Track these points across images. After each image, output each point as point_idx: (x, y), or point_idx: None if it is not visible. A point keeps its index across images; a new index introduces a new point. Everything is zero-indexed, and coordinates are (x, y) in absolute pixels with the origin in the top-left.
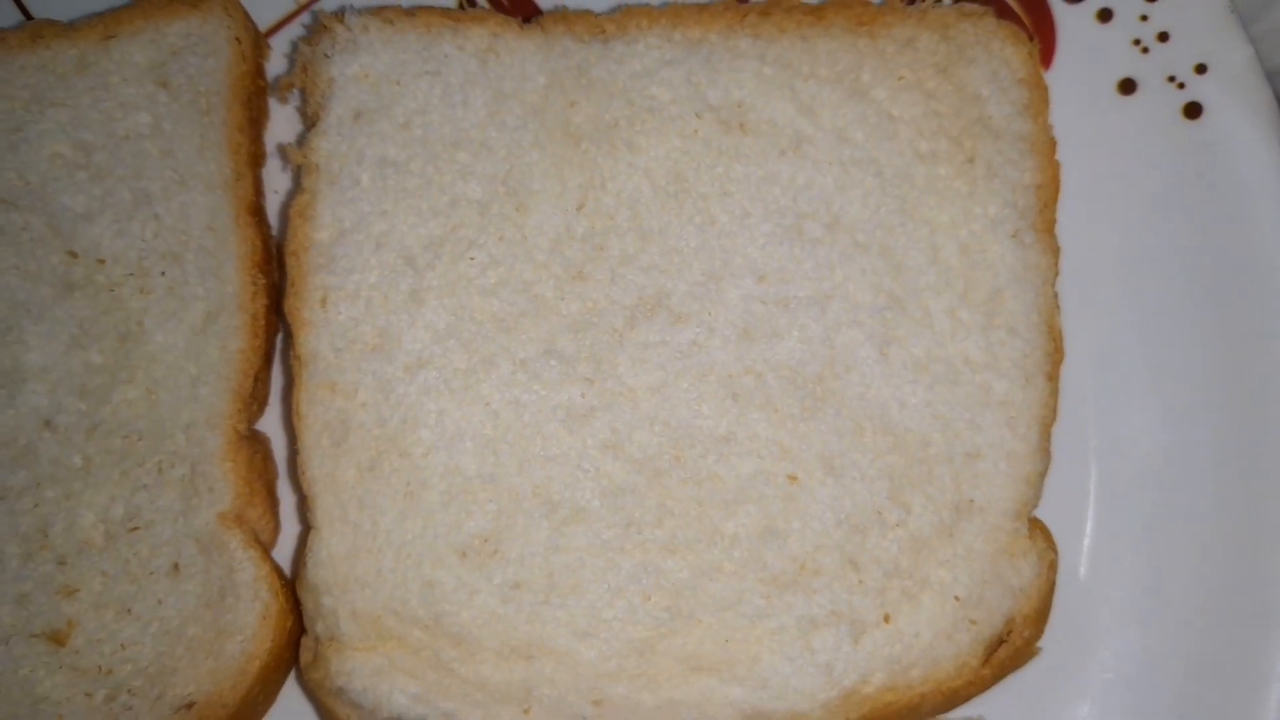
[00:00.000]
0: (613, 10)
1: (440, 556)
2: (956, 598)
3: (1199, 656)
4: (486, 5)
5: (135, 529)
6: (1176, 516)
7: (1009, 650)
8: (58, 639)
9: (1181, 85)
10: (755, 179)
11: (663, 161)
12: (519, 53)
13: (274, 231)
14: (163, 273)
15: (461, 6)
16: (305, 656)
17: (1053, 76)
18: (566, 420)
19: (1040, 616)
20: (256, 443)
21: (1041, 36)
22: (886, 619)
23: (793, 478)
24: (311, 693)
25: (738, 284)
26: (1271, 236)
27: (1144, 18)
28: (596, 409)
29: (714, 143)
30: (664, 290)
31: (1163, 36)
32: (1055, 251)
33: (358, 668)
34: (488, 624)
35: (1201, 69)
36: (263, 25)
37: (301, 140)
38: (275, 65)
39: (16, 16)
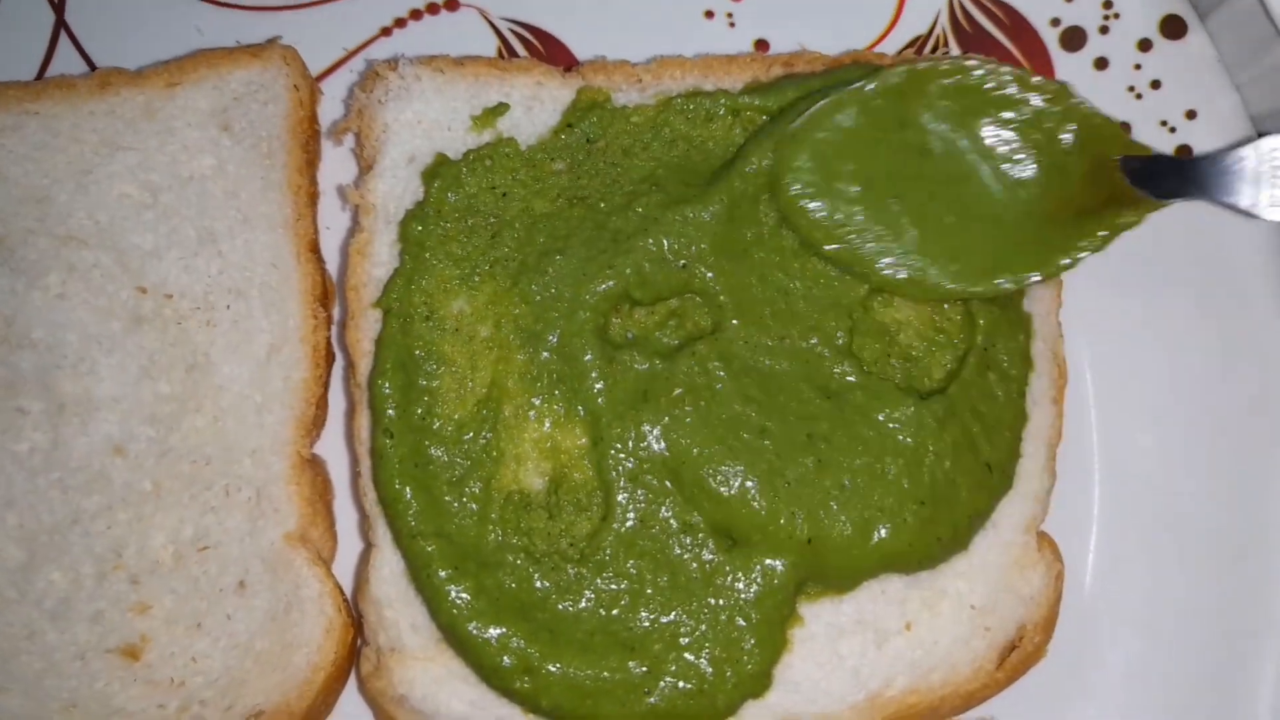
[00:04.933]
0: (648, 61)
1: None
2: (972, 606)
3: (1195, 660)
4: (527, 55)
5: (204, 549)
6: (1174, 531)
7: (1020, 655)
8: (132, 654)
9: (1173, 129)
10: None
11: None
12: (562, 100)
13: (328, 266)
14: (228, 307)
15: (500, 55)
16: (366, 667)
17: None
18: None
19: (1049, 624)
20: (316, 465)
21: None
22: (908, 627)
23: None
24: (373, 700)
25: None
26: (1254, 259)
27: (1137, 66)
28: None
29: None
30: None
31: (1155, 84)
32: (1058, 283)
33: (419, 677)
34: None
35: (1191, 114)
36: (313, 70)
37: (358, 182)
38: (326, 108)
39: (83, 66)
